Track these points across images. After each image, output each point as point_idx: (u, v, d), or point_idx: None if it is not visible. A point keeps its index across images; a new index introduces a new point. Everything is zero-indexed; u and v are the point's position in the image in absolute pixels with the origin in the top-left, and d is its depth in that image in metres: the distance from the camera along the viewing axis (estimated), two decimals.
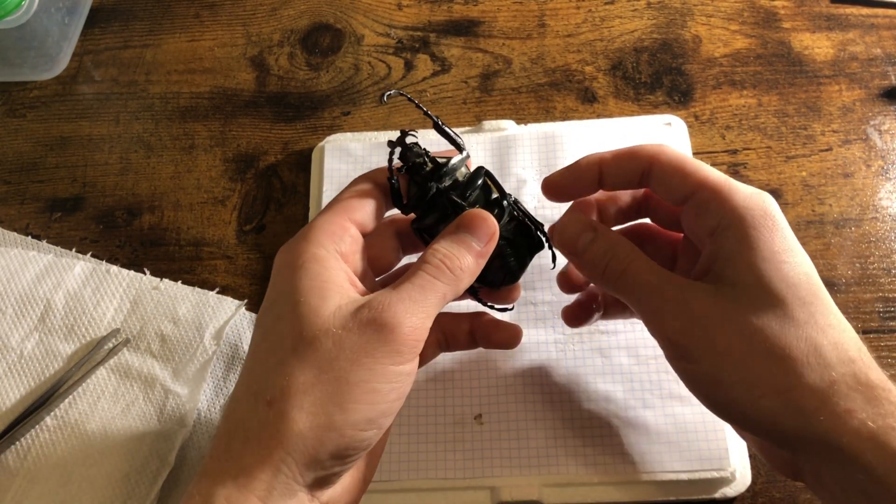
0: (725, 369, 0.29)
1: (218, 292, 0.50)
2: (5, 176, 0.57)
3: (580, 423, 0.43)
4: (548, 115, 0.55)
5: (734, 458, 0.41)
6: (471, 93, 0.57)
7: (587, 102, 0.55)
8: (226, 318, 0.48)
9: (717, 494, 0.41)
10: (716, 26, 0.57)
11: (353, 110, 0.57)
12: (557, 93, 0.56)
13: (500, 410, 0.44)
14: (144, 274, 0.51)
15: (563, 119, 0.54)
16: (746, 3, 0.58)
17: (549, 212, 0.49)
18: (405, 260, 0.38)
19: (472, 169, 0.35)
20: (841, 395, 0.28)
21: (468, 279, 0.32)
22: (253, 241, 0.52)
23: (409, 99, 0.35)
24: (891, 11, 0.57)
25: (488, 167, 0.51)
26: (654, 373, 0.44)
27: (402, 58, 0.59)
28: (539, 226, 0.36)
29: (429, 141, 0.52)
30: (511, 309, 0.42)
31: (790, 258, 0.30)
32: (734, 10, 0.58)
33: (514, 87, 0.57)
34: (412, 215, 0.35)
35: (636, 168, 0.34)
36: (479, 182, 0.34)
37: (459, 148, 0.35)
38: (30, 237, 0.53)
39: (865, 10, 0.57)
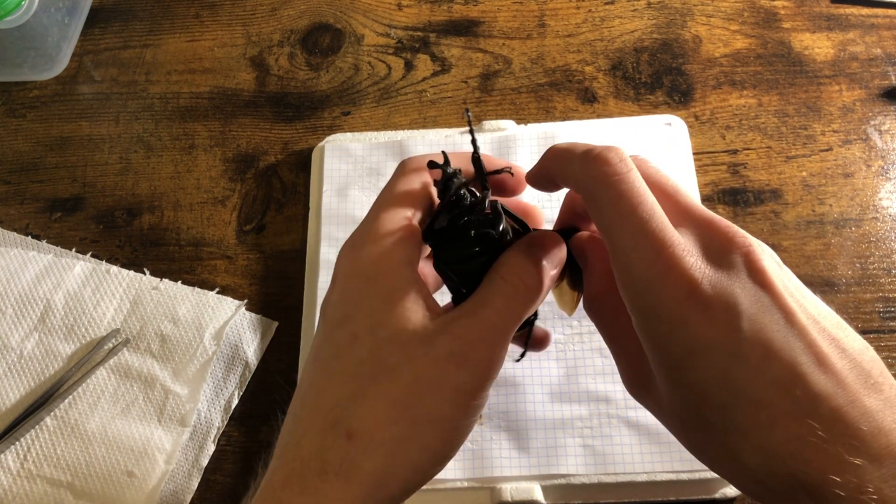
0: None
1: (218, 292, 0.50)
2: (5, 176, 0.57)
3: (580, 423, 0.43)
4: (548, 115, 0.55)
5: None
6: (471, 93, 0.57)
7: (587, 102, 0.55)
8: (226, 319, 0.48)
9: (717, 494, 0.41)
10: (716, 26, 0.57)
11: (353, 110, 0.57)
12: (557, 93, 0.56)
13: (500, 410, 0.44)
14: (144, 274, 0.51)
15: (563, 119, 0.54)
16: (746, 3, 0.58)
17: (548, 212, 0.49)
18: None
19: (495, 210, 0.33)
20: (772, 498, 0.24)
21: (540, 301, 0.30)
22: (253, 241, 0.52)
23: (469, 122, 0.32)
24: (891, 11, 0.57)
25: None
26: None
27: (402, 58, 0.59)
28: None
29: (428, 142, 0.53)
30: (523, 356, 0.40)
31: (696, 362, 0.25)
32: (734, 10, 0.58)
33: (514, 87, 0.56)
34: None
35: (570, 185, 0.30)
36: (504, 222, 0.32)
37: (485, 185, 0.33)
38: (30, 237, 0.53)
39: (865, 10, 0.57)
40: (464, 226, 0.31)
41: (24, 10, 0.55)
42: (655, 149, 0.51)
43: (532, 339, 0.37)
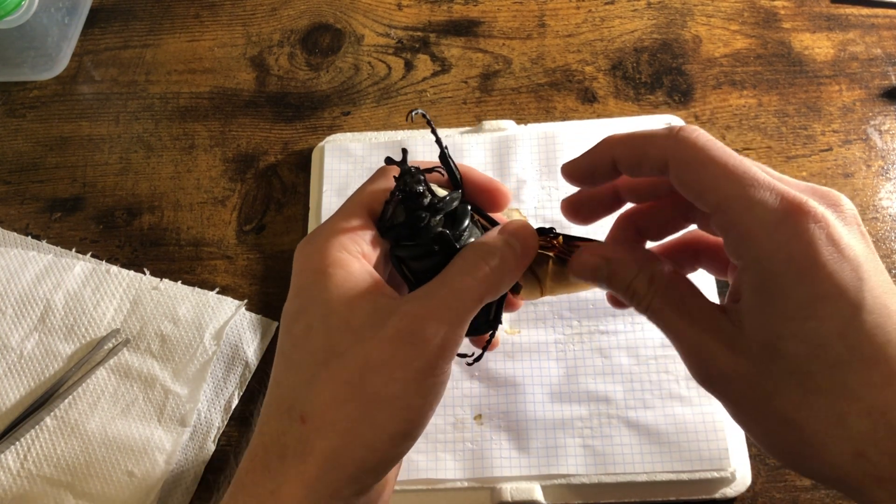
0: (746, 425, 0.27)
1: (218, 292, 0.50)
2: (5, 176, 0.57)
3: (580, 423, 0.43)
4: (548, 115, 0.55)
5: (734, 459, 0.41)
6: (471, 93, 0.57)
7: (587, 102, 0.55)
8: (226, 319, 0.48)
9: (717, 494, 0.41)
10: (716, 26, 0.57)
11: (353, 110, 0.57)
12: (557, 93, 0.56)
13: (500, 410, 0.44)
14: (144, 274, 0.51)
15: (563, 119, 0.54)
16: (746, 3, 0.58)
17: (548, 212, 0.49)
18: None
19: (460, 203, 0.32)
20: (872, 464, 0.24)
21: (507, 282, 0.30)
22: (253, 241, 0.52)
23: (429, 122, 0.33)
24: (891, 11, 0.57)
25: (488, 168, 0.51)
26: (654, 373, 0.44)
27: (402, 58, 0.59)
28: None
29: (428, 142, 0.52)
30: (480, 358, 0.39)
31: (820, 310, 0.24)
32: (734, 10, 0.58)
33: (514, 87, 0.56)
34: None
35: (650, 162, 0.28)
36: (467, 221, 0.32)
37: (457, 184, 0.33)
38: (30, 237, 0.53)
39: (865, 10, 0.57)
40: (420, 222, 0.31)
41: (24, 10, 0.55)
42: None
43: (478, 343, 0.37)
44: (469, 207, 0.32)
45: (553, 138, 0.52)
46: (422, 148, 0.52)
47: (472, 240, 0.31)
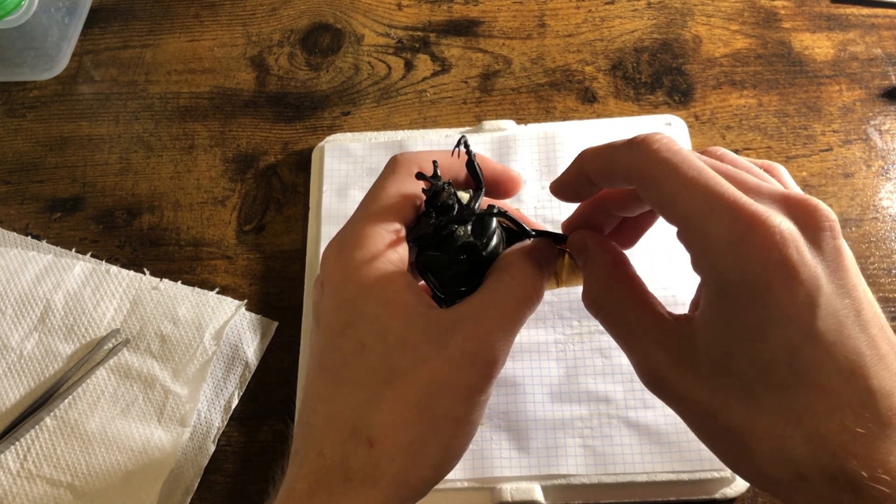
0: (696, 435, 0.27)
1: (218, 292, 0.50)
2: (5, 176, 0.56)
3: (580, 423, 0.43)
4: (548, 115, 0.55)
5: None
6: (471, 93, 0.57)
7: (587, 102, 0.55)
8: (226, 319, 0.48)
9: (717, 494, 0.41)
10: (716, 26, 0.57)
11: (353, 110, 0.57)
12: (557, 93, 0.56)
13: (500, 410, 0.44)
14: (144, 274, 0.51)
15: (563, 119, 0.54)
16: (746, 3, 0.58)
17: (548, 212, 0.49)
18: None
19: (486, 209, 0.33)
20: (813, 488, 0.23)
21: (540, 300, 0.31)
22: (253, 241, 0.52)
23: (467, 150, 0.32)
24: (891, 11, 0.57)
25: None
26: None
27: (402, 58, 0.59)
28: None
29: (428, 142, 0.53)
30: None
31: (769, 333, 0.24)
32: (734, 10, 0.58)
33: (514, 87, 0.56)
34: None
35: (618, 175, 0.28)
36: (493, 227, 0.32)
37: (479, 185, 0.33)
38: (30, 237, 0.53)
39: (865, 10, 0.57)
40: (449, 234, 0.31)
41: (24, 10, 0.55)
42: None
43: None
44: (494, 211, 0.32)
45: (553, 138, 0.52)
46: (422, 148, 0.52)
47: (495, 241, 0.32)
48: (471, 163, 0.33)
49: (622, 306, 0.29)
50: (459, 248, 0.31)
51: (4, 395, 0.47)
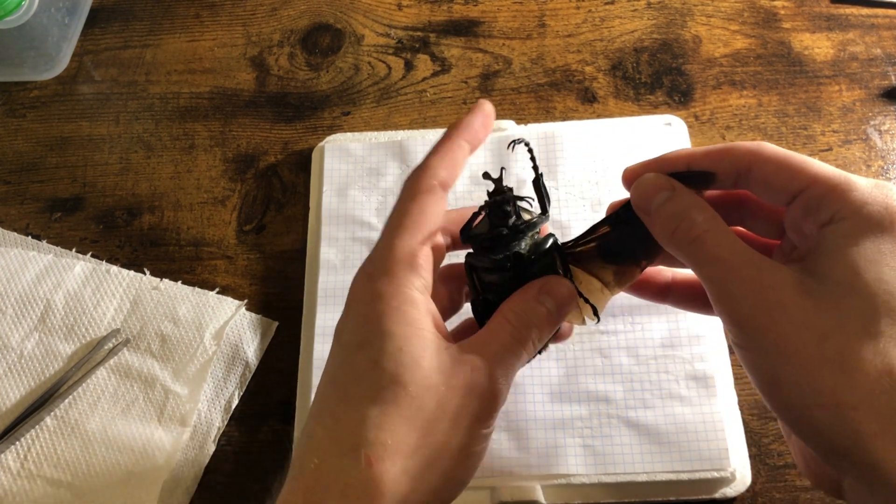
0: (786, 368, 0.26)
1: (218, 292, 0.50)
2: (5, 176, 0.57)
3: (580, 423, 0.43)
4: (548, 115, 0.55)
5: (734, 458, 0.41)
6: (471, 93, 0.57)
7: (587, 102, 0.55)
8: (226, 319, 0.48)
9: (717, 494, 0.41)
10: (716, 26, 0.57)
11: (353, 110, 0.57)
12: (557, 93, 0.56)
13: (500, 410, 0.44)
14: (144, 274, 0.51)
15: (563, 119, 0.54)
16: (746, 3, 0.58)
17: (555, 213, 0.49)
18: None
19: (544, 234, 0.34)
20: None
21: (544, 341, 0.32)
22: (253, 241, 0.52)
23: (529, 150, 0.34)
24: (891, 11, 0.57)
25: (488, 168, 0.51)
26: (654, 373, 0.44)
27: (402, 58, 0.59)
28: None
29: (428, 142, 0.52)
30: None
31: None
32: (734, 10, 0.58)
33: (514, 87, 0.57)
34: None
35: (731, 167, 0.31)
36: (549, 247, 0.33)
37: (545, 209, 0.34)
38: (30, 237, 0.53)
39: (865, 10, 0.57)
40: (500, 237, 0.32)
41: (24, 10, 0.55)
42: (655, 149, 0.51)
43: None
44: (555, 242, 0.33)
45: (553, 138, 0.52)
46: (422, 148, 0.52)
47: (543, 262, 0.33)
48: (536, 182, 0.34)
49: (726, 238, 0.29)
50: (507, 257, 0.32)
51: (4, 395, 0.47)
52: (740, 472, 0.42)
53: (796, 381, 0.26)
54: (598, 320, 0.35)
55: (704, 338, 0.45)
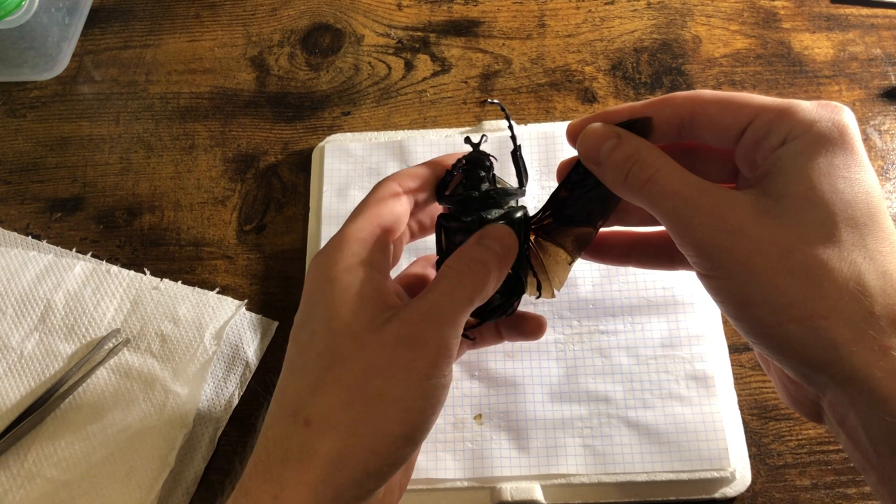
0: (754, 287, 0.27)
1: (218, 292, 0.50)
2: (5, 176, 0.57)
3: (580, 423, 0.43)
4: (548, 115, 0.55)
5: (734, 458, 0.42)
6: (471, 93, 0.57)
7: (587, 102, 0.55)
8: (226, 319, 0.48)
9: (717, 494, 0.41)
10: (716, 26, 0.57)
11: (353, 110, 0.57)
12: (557, 93, 0.56)
13: (500, 410, 0.44)
14: (144, 274, 0.51)
15: (563, 119, 0.54)
16: (746, 4, 0.58)
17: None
18: None
19: (518, 206, 0.35)
20: (879, 329, 0.25)
21: (493, 283, 0.31)
22: (253, 241, 0.52)
23: (506, 114, 0.35)
24: (891, 11, 0.57)
25: None
26: (654, 373, 0.44)
27: (403, 58, 0.59)
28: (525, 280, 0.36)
29: (428, 142, 0.53)
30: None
31: (851, 174, 0.27)
32: (734, 10, 0.58)
33: (514, 87, 0.57)
34: (441, 210, 0.36)
35: (672, 115, 0.31)
36: (518, 217, 0.34)
37: (521, 184, 0.35)
38: (30, 237, 0.53)
39: (865, 10, 0.57)
40: (471, 199, 0.33)
41: (25, 10, 0.55)
42: None
43: (523, 327, 0.38)
44: (525, 215, 0.34)
45: (553, 138, 0.52)
46: (422, 148, 0.52)
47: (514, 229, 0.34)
48: (514, 154, 0.35)
49: (679, 173, 0.29)
50: (472, 221, 0.33)
51: (5, 395, 0.47)
52: (740, 472, 0.42)
53: (765, 299, 0.26)
54: (558, 290, 0.37)
55: (704, 338, 0.45)
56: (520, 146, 0.35)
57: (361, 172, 0.52)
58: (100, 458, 0.44)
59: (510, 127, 0.35)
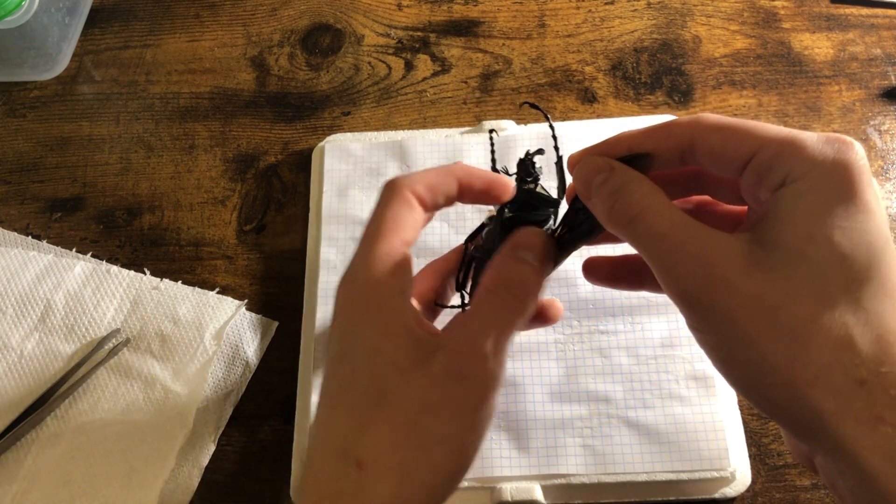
0: (738, 346, 0.25)
1: (218, 292, 0.50)
2: (5, 176, 0.57)
3: (580, 423, 0.43)
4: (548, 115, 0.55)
5: (734, 458, 0.42)
6: (471, 93, 0.57)
7: (587, 102, 0.55)
8: (226, 319, 0.48)
9: (717, 494, 0.41)
10: (716, 26, 0.57)
11: (353, 110, 0.57)
12: (557, 93, 0.56)
13: (500, 410, 0.44)
14: (144, 274, 0.51)
15: (563, 119, 0.54)
16: (746, 3, 0.58)
17: None
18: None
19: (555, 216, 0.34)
20: (869, 399, 0.23)
21: (533, 301, 0.30)
22: (253, 241, 0.52)
23: (546, 117, 0.36)
24: (891, 11, 0.57)
25: (488, 168, 0.51)
26: (654, 373, 0.44)
27: (403, 58, 0.59)
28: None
29: (428, 142, 0.53)
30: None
31: (852, 223, 0.24)
32: (734, 10, 0.58)
33: (514, 88, 0.57)
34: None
35: (673, 144, 0.29)
36: (548, 226, 0.34)
37: (561, 194, 0.35)
38: (30, 237, 0.53)
39: (865, 10, 0.57)
40: (538, 195, 0.34)
41: (25, 10, 0.55)
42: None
43: (542, 314, 0.37)
44: (553, 216, 0.34)
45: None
46: (422, 148, 0.52)
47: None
48: (560, 165, 0.35)
49: (667, 213, 0.27)
50: (502, 223, 0.34)
51: (4, 395, 0.47)
52: (740, 472, 0.42)
53: (749, 359, 0.25)
54: None
55: None
56: (561, 157, 0.34)
57: (361, 172, 0.52)
58: (100, 458, 0.44)
59: (553, 136, 0.34)
